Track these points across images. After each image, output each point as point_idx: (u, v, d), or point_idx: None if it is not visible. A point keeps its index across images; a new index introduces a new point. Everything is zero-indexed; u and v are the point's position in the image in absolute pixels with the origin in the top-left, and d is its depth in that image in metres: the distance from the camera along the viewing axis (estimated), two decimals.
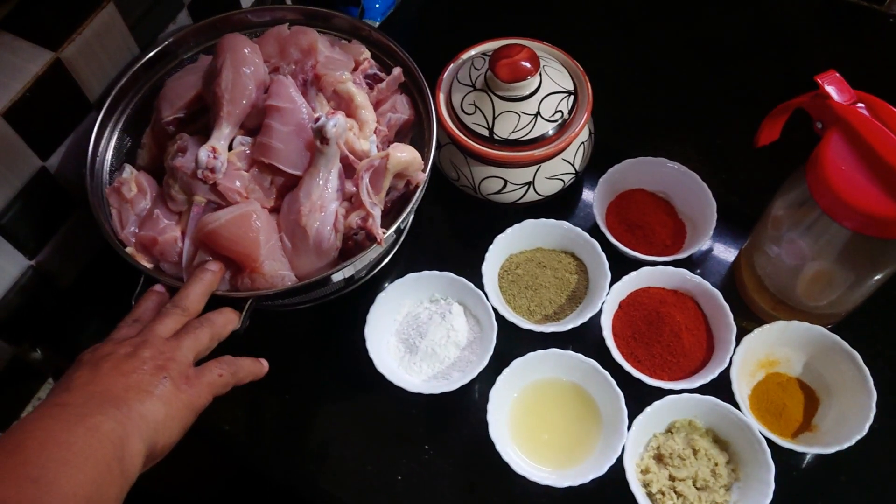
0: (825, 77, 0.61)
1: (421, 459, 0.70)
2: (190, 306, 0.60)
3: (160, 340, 0.56)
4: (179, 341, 0.56)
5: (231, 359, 0.59)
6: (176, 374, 0.54)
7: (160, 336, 0.56)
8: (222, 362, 0.58)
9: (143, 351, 0.54)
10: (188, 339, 0.57)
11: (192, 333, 0.57)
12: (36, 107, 0.66)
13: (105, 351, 0.54)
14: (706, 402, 0.67)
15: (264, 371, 0.63)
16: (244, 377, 0.60)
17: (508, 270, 0.76)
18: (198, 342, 0.57)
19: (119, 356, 0.53)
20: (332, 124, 0.61)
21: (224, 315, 0.61)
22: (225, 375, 0.57)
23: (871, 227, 0.58)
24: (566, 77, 0.77)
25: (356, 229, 0.65)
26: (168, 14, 0.78)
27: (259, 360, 0.62)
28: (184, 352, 0.56)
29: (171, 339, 0.56)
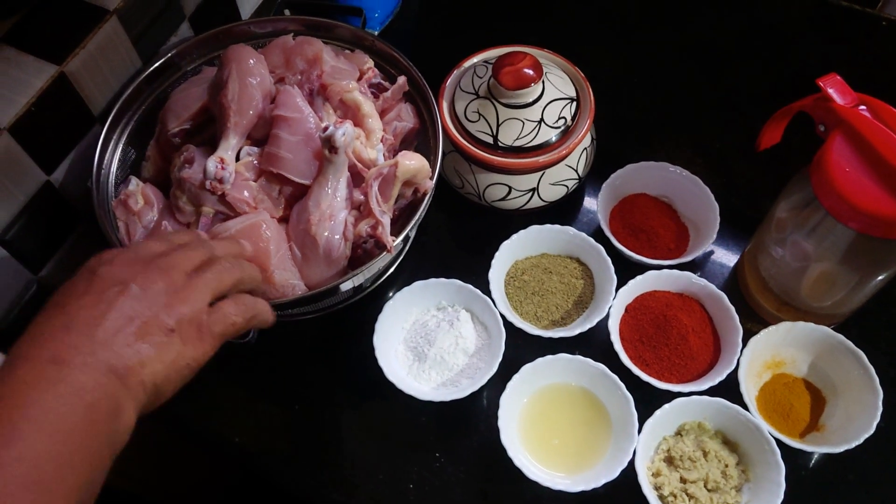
0: (827, 80, 0.62)
1: (432, 467, 0.70)
2: (218, 251, 0.55)
3: (180, 274, 0.50)
4: (199, 278, 0.51)
5: (248, 299, 0.54)
6: (186, 322, 0.48)
7: (181, 269, 0.50)
8: (239, 303, 0.53)
9: (158, 283, 0.48)
10: (210, 276, 0.51)
11: (214, 272, 0.52)
12: (40, 121, 0.66)
13: (122, 273, 0.48)
14: (715, 404, 0.67)
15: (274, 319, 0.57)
16: (260, 321, 0.55)
17: (515, 277, 0.77)
18: (220, 283, 0.52)
19: (133, 289, 0.47)
20: (340, 133, 0.61)
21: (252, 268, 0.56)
22: (239, 322, 0.52)
23: (875, 228, 0.59)
24: (568, 84, 0.78)
25: (365, 237, 0.65)
26: (170, 26, 0.78)
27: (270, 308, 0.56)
28: (201, 294, 0.50)
29: (191, 273, 0.51)
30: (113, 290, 0.47)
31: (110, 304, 0.46)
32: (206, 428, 0.73)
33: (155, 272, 0.49)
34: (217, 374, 0.75)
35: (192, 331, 0.49)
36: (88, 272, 0.49)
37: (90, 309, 0.46)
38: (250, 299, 0.54)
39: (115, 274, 0.48)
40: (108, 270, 0.48)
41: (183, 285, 0.50)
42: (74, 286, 0.48)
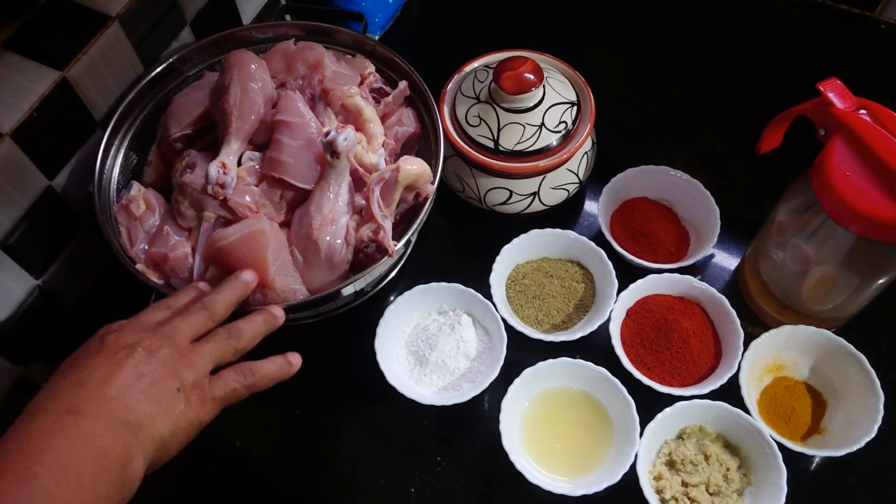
0: (827, 84, 0.62)
1: (434, 471, 0.70)
2: (217, 311, 0.58)
3: (183, 340, 0.54)
4: (202, 348, 0.55)
5: (250, 368, 0.57)
6: (189, 386, 0.53)
7: (184, 335, 0.55)
8: (240, 372, 0.57)
9: (164, 349, 0.53)
10: (211, 346, 0.55)
11: (216, 342, 0.56)
12: (43, 126, 0.66)
13: (128, 339, 0.52)
14: (716, 408, 0.67)
15: (293, 371, 0.60)
16: (263, 386, 0.58)
17: (516, 280, 0.77)
18: (221, 353, 0.56)
19: (140, 353, 0.52)
20: (342, 138, 0.61)
21: (252, 326, 0.59)
22: (239, 389, 0.56)
23: (876, 231, 0.59)
24: (569, 88, 0.78)
25: (367, 242, 0.65)
26: (171, 32, 0.78)
27: (287, 359, 0.60)
28: (204, 360, 0.54)
29: (193, 344, 0.55)
30: (122, 353, 0.51)
31: (119, 365, 0.51)
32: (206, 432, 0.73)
33: (160, 339, 0.53)
34: None
35: (196, 394, 0.53)
36: (98, 340, 0.53)
37: (102, 368, 0.50)
38: (250, 366, 0.57)
39: (122, 340, 0.52)
40: (117, 337, 0.53)
41: (187, 351, 0.54)
42: (86, 351, 0.52)
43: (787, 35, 0.96)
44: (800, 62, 0.93)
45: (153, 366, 0.52)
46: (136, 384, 0.50)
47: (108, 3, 0.70)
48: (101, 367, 0.50)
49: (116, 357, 0.51)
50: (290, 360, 0.60)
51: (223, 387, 0.55)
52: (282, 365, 0.59)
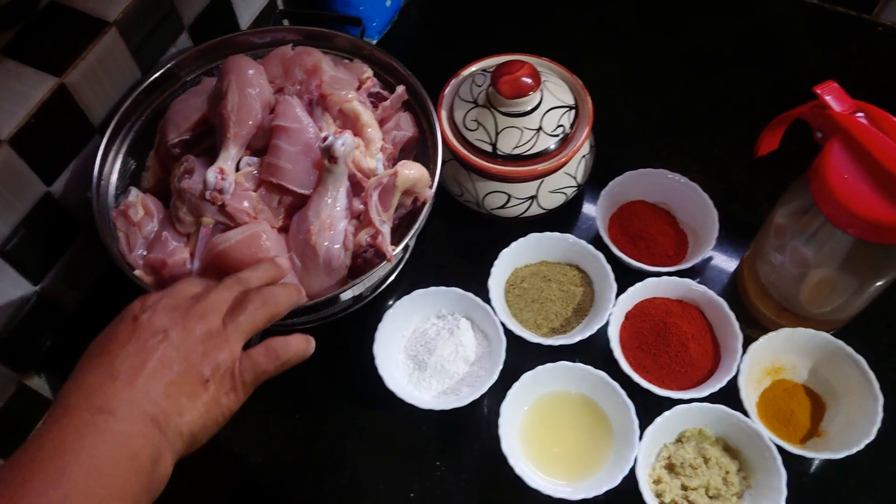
0: (824, 87, 0.62)
1: (433, 476, 0.70)
2: (252, 287, 0.58)
3: (216, 319, 0.53)
4: (234, 323, 0.53)
5: (280, 344, 0.56)
6: (221, 374, 0.52)
7: (217, 313, 0.53)
8: (271, 350, 0.55)
9: (196, 331, 0.52)
10: (244, 319, 0.54)
11: (248, 314, 0.54)
12: (41, 133, 0.66)
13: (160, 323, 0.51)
14: (715, 411, 0.67)
15: (311, 349, 0.58)
16: (292, 364, 0.57)
17: (514, 284, 0.77)
18: (254, 324, 0.55)
19: (171, 341, 0.51)
20: (340, 143, 0.61)
21: (286, 293, 0.58)
22: (269, 370, 0.55)
23: (874, 234, 0.59)
24: (566, 92, 0.78)
25: (365, 247, 0.65)
26: (169, 37, 0.78)
27: (307, 338, 0.58)
28: (236, 339, 0.53)
29: (226, 319, 0.54)
30: (155, 339, 0.50)
31: (151, 353, 0.50)
32: None
33: (193, 319, 0.52)
34: None
35: (226, 381, 0.53)
36: (132, 319, 0.52)
37: (133, 357, 0.49)
38: (281, 345, 0.56)
39: (156, 322, 0.51)
40: (150, 318, 0.52)
41: (218, 331, 0.53)
42: (118, 333, 0.51)
43: (784, 37, 0.96)
44: (797, 64, 0.93)
45: (184, 353, 0.51)
46: (166, 375, 0.49)
47: (105, 9, 0.70)
48: (133, 356, 0.49)
49: (148, 345, 0.50)
50: (309, 340, 0.58)
51: (253, 369, 0.54)
52: (307, 342, 0.58)
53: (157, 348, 0.50)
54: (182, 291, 0.55)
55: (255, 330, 0.55)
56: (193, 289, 0.56)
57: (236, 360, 0.53)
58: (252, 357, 0.54)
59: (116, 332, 0.51)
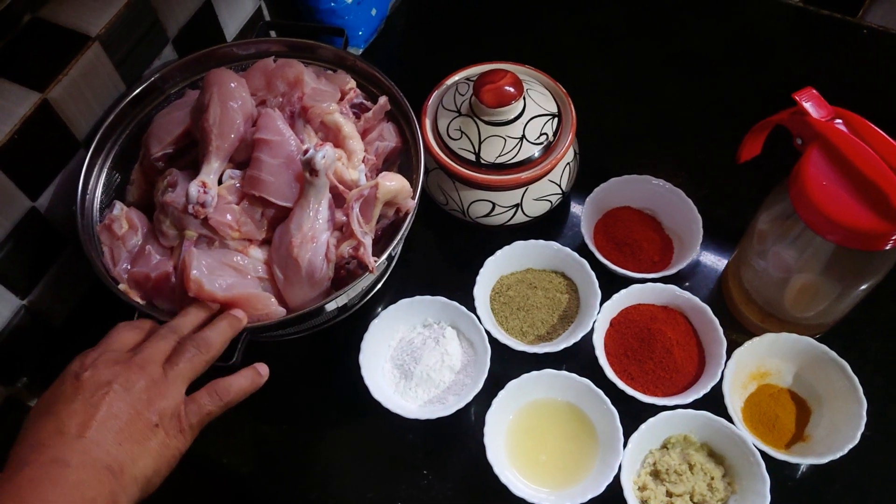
0: (803, 94, 0.62)
1: (420, 484, 0.70)
2: (185, 332, 0.60)
3: (156, 369, 0.55)
4: (174, 371, 0.56)
5: (223, 387, 0.58)
6: (168, 417, 0.54)
7: (157, 362, 0.56)
8: (213, 394, 0.58)
9: (139, 382, 0.53)
10: (182, 367, 0.56)
11: (187, 361, 0.57)
12: (24, 148, 0.67)
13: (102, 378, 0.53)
14: (700, 417, 0.68)
15: (261, 381, 0.61)
16: (237, 401, 0.59)
17: (500, 292, 0.77)
18: (194, 371, 0.57)
19: (115, 392, 0.52)
20: (320, 156, 0.61)
21: (218, 332, 0.60)
22: (214, 411, 0.58)
23: (853, 240, 0.60)
24: (550, 100, 0.78)
25: (348, 258, 0.65)
26: (153, 50, 0.78)
27: (256, 370, 0.61)
28: (178, 386, 0.56)
29: (165, 367, 0.56)
30: (100, 393, 0.52)
31: (97, 407, 0.51)
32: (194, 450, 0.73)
33: (134, 370, 0.54)
34: None
35: (174, 424, 0.55)
36: (73, 377, 0.53)
37: (81, 412, 0.51)
38: (223, 387, 0.58)
39: (98, 377, 0.53)
40: (92, 374, 0.53)
41: (160, 379, 0.55)
42: (63, 392, 0.53)
43: (770, 42, 0.96)
44: (783, 68, 0.93)
45: (130, 402, 0.52)
46: (115, 424, 0.51)
47: (88, 24, 0.71)
48: (80, 412, 0.51)
49: (93, 399, 0.52)
50: (259, 371, 0.61)
51: (198, 412, 0.56)
52: (252, 377, 0.60)
53: (102, 401, 0.52)
54: (118, 343, 0.57)
55: (195, 374, 0.57)
56: (129, 339, 0.58)
57: (181, 405, 0.55)
58: (196, 400, 0.57)
59: (60, 391, 0.53)
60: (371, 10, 0.93)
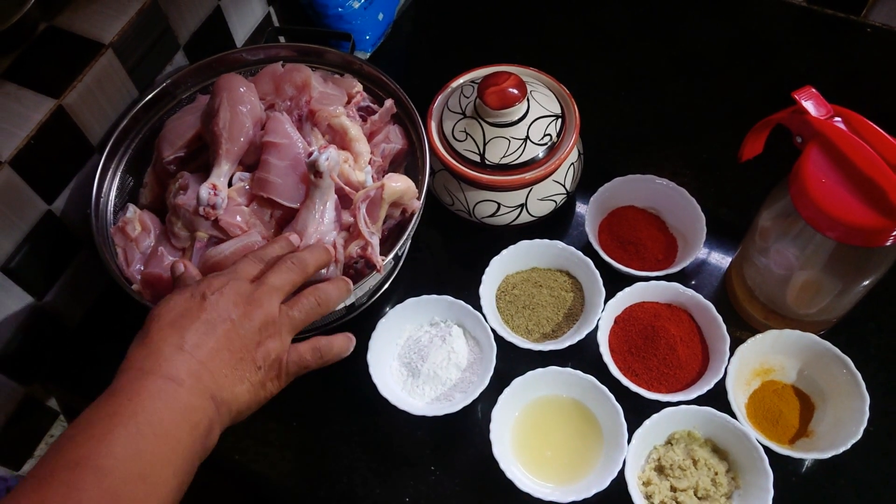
0: (802, 93, 0.63)
1: (428, 481, 0.71)
2: (309, 270, 0.61)
3: (275, 307, 0.57)
4: (290, 316, 0.58)
5: (325, 345, 0.61)
6: (271, 363, 0.57)
7: (276, 301, 0.58)
8: (315, 352, 0.60)
9: (257, 319, 0.56)
10: (296, 312, 0.59)
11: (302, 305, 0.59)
12: (40, 153, 0.69)
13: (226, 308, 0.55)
14: (704, 413, 0.68)
15: (351, 347, 0.63)
16: (332, 361, 0.62)
17: (505, 291, 0.78)
18: (304, 321, 0.60)
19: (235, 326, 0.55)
20: (324, 158, 0.63)
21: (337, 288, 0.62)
22: (312, 366, 0.60)
23: (853, 237, 0.60)
24: (553, 101, 0.79)
25: (356, 258, 0.66)
26: (165, 56, 0.80)
27: (348, 336, 0.63)
28: (287, 331, 0.58)
29: (284, 308, 0.58)
30: (220, 322, 0.55)
31: (216, 335, 0.54)
32: None
33: (254, 306, 0.56)
34: None
35: (273, 371, 0.58)
36: (201, 297, 0.56)
37: (202, 335, 0.54)
38: (325, 345, 0.61)
39: (222, 305, 0.55)
40: (218, 301, 0.55)
41: (274, 320, 0.57)
42: (189, 309, 0.55)
43: (774, 41, 0.97)
44: (787, 67, 0.94)
45: (243, 338, 0.55)
46: (227, 357, 0.54)
47: (101, 31, 0.72)
48: (201, 334, 0.53)
49: (214, 326, 0.54)
50: (351, 337, 0.63)
51: (298, 362, 0.59)
52: (347, 342, 0.63)
53: (221, 331, 0.54)
54: (244, 272, 0.59)
55: (305, 324, 0.60)
56: (253, 269, 0.60)
57: (285, 352, 0.58)
58: (299, 351, 0.59)
59: (187, 308, 0.55)
60: (378, 14, 0.95)
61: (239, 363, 0.55)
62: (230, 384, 0.54)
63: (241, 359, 0.55)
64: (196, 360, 0.52)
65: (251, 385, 0.56)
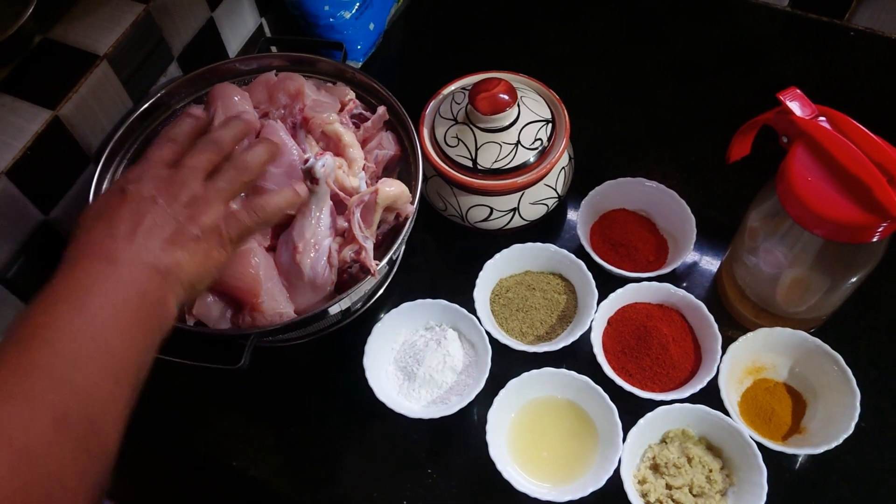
0: (787, 94, 0.64)
1: (425, 483, 0.72)
2: (225, 146, 0.61)
3: (197, 184, 0.56)
4: (214, 189, 0.57)
5: (261, 205, 0.60)
6: (208, 230, 0.56)
7: (198, 178, 0.57)
8: (251, 210, 0.59)
9: (181, 196, 0.55)
10: (222, 186, 0.58)
11: (226, 182, 0.58)
12: (37, 163, 0.69)
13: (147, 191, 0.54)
14: (697, 411, 0.69)
15: (299, 200, 0.63)
16: (275, 218, 0.61)
17: (499, 294, 0.79)
18: (232, 190, 0.58)
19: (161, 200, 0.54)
20: (320, 165, 0.64)
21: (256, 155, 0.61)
22: (252, 227, 0.59)
23: (840, 234, 0.61)
24: (543, 106, 0.80)
25: (350, 262, 0.67)
26: (159, 67, 0.81)
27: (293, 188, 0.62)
28: (218, 203, 0.57)
29: (206, 183, 0.57)
30: (145, 205, 0.54)
31: (144, 216, 0.53)
32: (203, 453, 0.75)
33: (177, 186, 0.56)
34: (212, 400, 0.77)
35: (214, 237, 0.56)
36: (119, 191, 0.55)
37: (129, 220, 0.53)
38: (259, 203, 0.60)
39: (143, 190, 0.55)
40: (137, 188, 0.55)
41: (202, 195, 0.56)
42: (111, 203, 0.54)
43: (759, 45, 0.98)
44: (773, 71, 0.95)
45: (173, 215, 0.54)
46: (160, 233, 0.53)
47: (96, 43, 0.73)
48: (128, 218, 0.53)
49: (140, 210, 0.54)
50: (297, 190, 0.63)
51: (237, 226, 0.58)
52: (290, 195, 0.62)
53: (148, 212, 0.54)
54: (160, 156, 0.58)
55: (234, 195, 0.59)
56: (168, 153, 0.59)
57: (221, 219, 0.57)
58: (235, 215, 0.58)
59: (109, 202, 0.55)
60: (369, 24, 0.96)
61: (175, 238, 0.54)
62: (172, 257, 0.53)
63: (176, 233, 0.54)
64: (130, 242, 0.52)
65: (196, 255, 0.55)
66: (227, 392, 0.78)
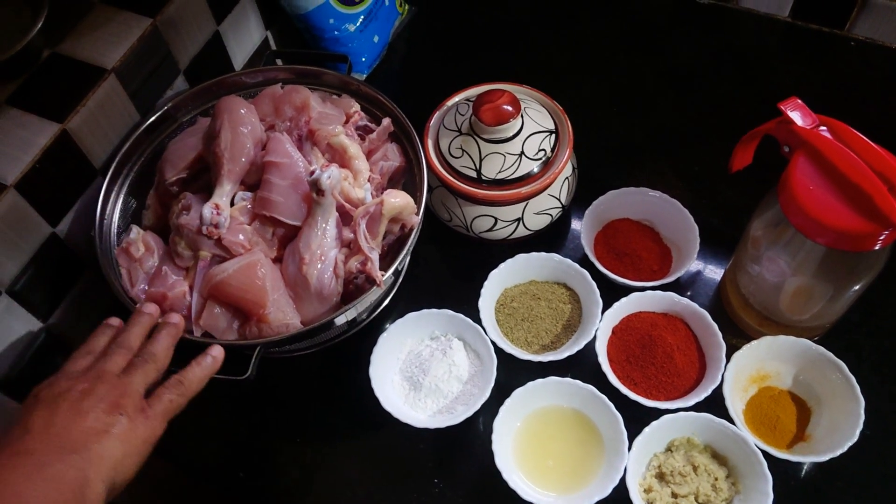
0: (788, 104, 0.65)
1: (431, 493, 0.72)
2: (134, 344, 0.62)
3: (112, 377, 0.57)
4: (130, 376, 0.58)
5: (177, 379, 0.61)
6: (131, 409, 0.56)
7: (111, 373, 0.58)
8: (170, 387, 0.60)
9: (98, 387, 0.56)
10: (136, 374, 0.59)
11: (138, 370, 0.59)
12: (45, 177, 0.70)
13: (61, 388, 0.56)
14: (702, 420, 0.69)
15: (218, 364, 0.63)
16: (197, 389, 0.62)
17: (504, 304, 0.79)
18: (146, 377, 0.59)
19: (75, 394, 0.55)
20: (326, 177, 0.64)
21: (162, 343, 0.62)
22: (175, 400, 0.59)
23: (842, 242, 0.62)
24: (546, 117, 0.81)
25: (356, 273, 0.68)
26: (166, 80, 0.82)
27: (210, 354, 0.63)
28: (135, 386, 0.58)
29: (122, 375, 0.58)
30: (60, 399, 0.54)
31: (58, 407, 0.54)
32: (210, 465, 0.75)
33: (90, 380, 0.57)
34: (220, 410, 0.77)
35: (138, 413, 0.56)
36: (32, 398, 0.56)
37: (42, 415, 0.53)
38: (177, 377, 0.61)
39: (56, 389, 0.56)
40: (49, 390, 0.56)
41: (118, 384, 0.57)
42: (25, 410, 0.55)
43: (761, 55, 0.99)
44: (775, 81, 0.96)
45: (91, 402, 0.55)
46: (77, 419, 0.53)
47: (104, 57, 0.74)
48: (42, 414, 0.53)
49: (55, 403, 0.54)
50: (213, 354, 0.63)
51: (161, 402, 0.58)
52: (206, 364, 0.63)
53: (63, 403, 0.54)
54: (74, 366, 0.59)
55: (148, 383, 0.59)
56: (83, 362, 0.60)
57: (142, 399, 0.57)
58: (157, 395, 0.59)
59: (23, 411, 0.55)
60: (373, 37, 0.97)
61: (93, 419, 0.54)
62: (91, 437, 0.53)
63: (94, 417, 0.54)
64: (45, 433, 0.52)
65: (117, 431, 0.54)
66: (234, 402, 0.78)
